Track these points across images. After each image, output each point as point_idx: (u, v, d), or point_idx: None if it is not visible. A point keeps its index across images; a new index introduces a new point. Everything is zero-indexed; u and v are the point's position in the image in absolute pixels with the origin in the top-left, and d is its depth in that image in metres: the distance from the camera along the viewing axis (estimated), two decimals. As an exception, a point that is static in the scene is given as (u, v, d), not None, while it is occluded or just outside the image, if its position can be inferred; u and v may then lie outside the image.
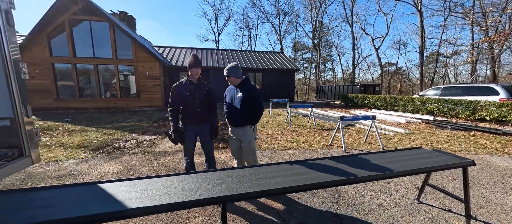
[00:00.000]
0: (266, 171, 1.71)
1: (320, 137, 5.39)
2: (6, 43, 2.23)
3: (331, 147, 4.51)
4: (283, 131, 6.03)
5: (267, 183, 1.46)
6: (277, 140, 5.02)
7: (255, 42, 37.71)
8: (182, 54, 15.48)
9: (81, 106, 10.64)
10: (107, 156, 3.90)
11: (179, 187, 1.33)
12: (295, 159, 3.77)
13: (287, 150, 4.31)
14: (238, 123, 2.44)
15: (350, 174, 1.65)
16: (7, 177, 2.55)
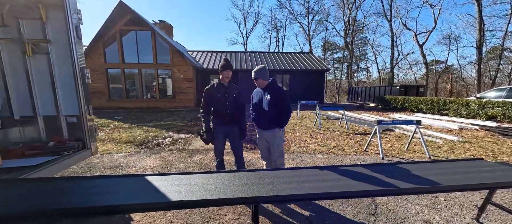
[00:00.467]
0: (296, 175, 1.68)
1: (353, 141, 5.04)
2: (75, 53, 2.67)
3: (366, 153, 4.18)
4: (312, 134, 5.83)
5: (298, 187, 1.43)
6: (306, 143, 4.87)
7: (283, 44, 37.41)
8: (213, 58, 16.27)
9: (127, 106, 12.05)
10: (149, 151, 4.33)
11: (214, 185, 1.40)
12: (326, 164, 3.61)
13: (316, 154, 4.15)
14: (266, 125, 2.45)
15: (390, 185, 1.51)
16: (73, 165, 3.02)
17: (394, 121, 4.30)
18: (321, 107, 7.06)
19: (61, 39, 2.70)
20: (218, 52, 17.83)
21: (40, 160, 2.37)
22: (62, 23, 2.67)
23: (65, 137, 2.92)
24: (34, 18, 2.61)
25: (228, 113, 2.50)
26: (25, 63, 2.69)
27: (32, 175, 2.09)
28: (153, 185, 1.42)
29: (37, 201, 1.31)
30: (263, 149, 2.58)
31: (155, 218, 2.17)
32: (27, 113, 2.83)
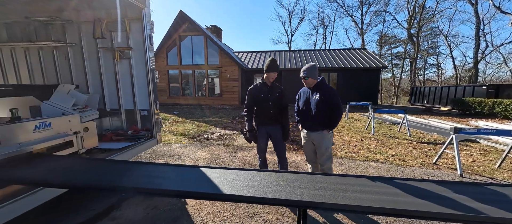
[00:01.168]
0: (347, 183, 1.53)
1: (417, 151, 4.28)
2: (148, 57, 3.18)
3: (436, 167, 3.47)
4: (364, 138, 5.24)
5: (350, 197, 1.30)
6: (356, 149, 4.42)
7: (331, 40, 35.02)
8: (257, 58, 16.66)
9: (182, 102, 13.68)
10: (200, 144, 4.79)
11: (262, 183, 1.42)
12: (381, 175, 3.18)
13: (369, 162, 3.71)
14: (313, 127, 2.33)
15: (474, 210, 1.19)
16: (143, 152, 3.60)
17: (481, 130, 3.41)
18: (375, 109, 6.26)
19: (139, 46, 3.27)
20: (262, 52, 18.15)
21: (122, 145, 2.94)
22: (139, 33, 3.22)
23: (139, 127, 3.53)
24: (122, 30, 3.25)
25: (270, 112, 2.49)
26: (114, 66, 3.39)
27: (117, 156, 2.61)
28: (207, 176, 1.56)
29: (118, 178, 1.63)
30: (308, 152, 2.47)
31: (205, 205, 2.39)
32: (114, 107, 3.56)
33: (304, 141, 2.49)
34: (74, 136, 2.19)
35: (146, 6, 3.02)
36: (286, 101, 2.60)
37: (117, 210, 2.29)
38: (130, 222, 2.11)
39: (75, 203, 2.38)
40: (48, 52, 3.50)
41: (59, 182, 1.54)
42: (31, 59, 3.58)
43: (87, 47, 3.40)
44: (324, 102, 2.24)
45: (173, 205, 2.39)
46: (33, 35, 3.36)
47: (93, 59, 3.41)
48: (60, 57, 3.50)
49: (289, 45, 33.99)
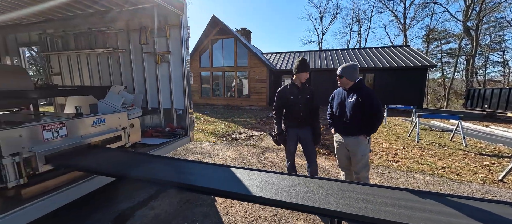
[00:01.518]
0: (388, 196, 1.36)
1: (476, 164, 3.63)
2: (184, 60, 3.41)
3: (503, 185, 2.89)
4: (406, 146, 4.68)
5: (393, 212, 1.15)
6: (396, 157, 3.98)
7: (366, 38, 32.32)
8: (285, 59, 16.45)
9: (213, 103, 14.35)
10: (228, 144, 4.94)
11: (292, 188, 1.37)
12: (428, 189, 2.78)
13: (413, 173, 3.29)
14: (349, 131, 2.16)
15: None
16: (178, 149, 3.85)
17: None
18: (420, 114, 5.54)
19: (176, 50, 3.54)
20: (290, 52, 17.85)
21: (160, 141, 3.21)
22: (177, 38, 3.48)
23: (175, 125, 3.81)
24: (163, 36, 3.56)
25: (301, 115, 2.40)
26: (156, 69, 3.73)
27: (156, 151, 2.86)
28: (236, 176, 1.58)
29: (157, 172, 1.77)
30: (342, 157, 2.31)
31: (233, 204, 2.43)
32: (155, 106, 3.91)
33: (337, 145, 2.33)
34: (122, 131, 2.47)
35: (183, 13, 3.24)
36: (317, 103, 2.49)
37: (155, 200, 2.50)
38: (166, 213, 2.28)
39: (121, 191, 2.69)
40: (104, 58, 4.04)
41: (110, 172, 1.74)
42: (91, 63, 4.19)
43: (134, 53, 3.82)
44: (361, 105, 2.06)
45: (203, 200, 2.50)
46: (94, 43, 3.92)
47: (139, 63, 3.82)
48: (113, 62, 4.01)
49: (320, 44, 32.69)
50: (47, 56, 4.42)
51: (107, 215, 2.20)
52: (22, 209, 1.53)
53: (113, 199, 2.52)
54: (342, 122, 2.22)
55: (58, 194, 1.75)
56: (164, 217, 2.21)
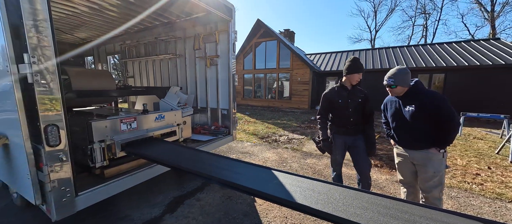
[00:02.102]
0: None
1: None
2: (231, 63, 3.59)
3: None
4: (493, 166, 3.67)
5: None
6: (478, 179, 3.17)
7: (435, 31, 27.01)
8: (331, 60, 15.43)
9: (254, 104, 14.72)
10: (268, 145, 4.95)
11: (341, 201, 1.24)
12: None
13: (505, 202, 2.55)
14: (414, 144, 1.83)
15: None
16: (221, 146, 4.06)
17: None
18: (517, 127, 4.25)
19: (224, 54, 3.77)
20: (336, 53, 16.64)
21: (207, 138, 3.48)
22: (225, 42, 3.70)
23: (219, 123, 4.07)
24: (212, 41, 3.86)
25: (351, 120, 2.15)
26: (206, 72, 4.07)
27: (203, 147, 3.10)
28: (279, 180, 1.54)
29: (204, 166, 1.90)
30: (406, 173, 1.97)
31: (272, 207, 2.41)
32: (203, 105, 4.27)
33: (399, 159, 2.00)
34: (177, 127, 2.79)
35: (232, 18, 3.43)
36: (372, 108, 2.21)
37: (201, 193, 2.72)
38: (210, 206, 2.44)
39: (173, 181, 3.03)
40: (165, 62, 4.67)
41: (167, 162, 1.98)
42: (155, 68, 4.91)
43: (188, 57, 4.27)
44: (425, 113, 1.72)
45: (243, 199, 2.57)
46: (158, 50, 4.59)
47: (192, 66, 4.25)
48: (171, 66, 4.59)
49: (372, 42, 29.32)
50: (125, 63, 5.42)
51: (164, 200, 2.51)
52: (105, 185, 1.90)
53: (167, 185, 2.86)
54: (404, 133, 1.89)
55: (129, 177, 2.10)
56: (208, 209, 2.37)
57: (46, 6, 1.43)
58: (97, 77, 3.02)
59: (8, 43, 1.41)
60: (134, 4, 3.21)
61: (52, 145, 1.50)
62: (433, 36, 26.37)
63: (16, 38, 1.42)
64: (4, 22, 1.40)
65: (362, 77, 2.15)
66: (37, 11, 1.39)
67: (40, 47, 1.41)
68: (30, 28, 1.36)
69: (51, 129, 1.48)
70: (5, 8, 1.39)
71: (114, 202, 2.43)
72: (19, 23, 1.37)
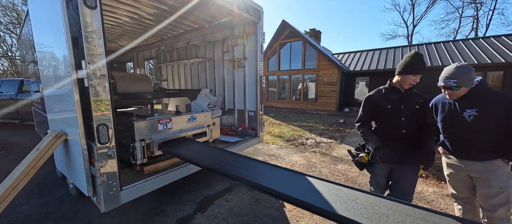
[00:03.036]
0: None
1: None
2: (258, 65, 3.58)
3: None
4: None
5: None
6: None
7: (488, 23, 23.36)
8: (361, 58, 14.47)
9: (278, 106, 14.58)
10: (295, 148, 4.81)
11: (391, 217, 1.10)
12: None
13: None
14: (474, 154, 1.55)
15: None
16: (248, 148, 4.05)
17: None
18: None
19: (251, 56, 3.79)
20: (367, 51, 15.54)
21: (235, 139, 3.51)
22: (253, 44, 3.71)
23: (246, 125, 4.09)
24: (240, 44, 3.91)
25: (402, 133, 1.70)
26: (233, 74, 4.13)
27: (231, 148, 3.14)
28: (314, 187, 1.45)
29: (233, 167, 1.90)
30: (460, 187, 1.70)
31: (303, 214, 2.30)
32: (230, 107, 4.35)
33: (450, 171, 1.74)
34: (207, 128, 2.87)
35: (260, 20, 3.43)
36: (432, 117, 1.77)
37: (229, 193, 2.74)
38: (239, 207, 2.44)
39: (202, 179, 3.12)
40: (195, 66, 4.89)
41: (200, 162, 2.03)
42: (186, 71, 5.18)
43: (217, 60, 4.40)
44: (489, 117, 1.45)
45: (272, 203, 2.51)
46: (189, 55, 4.83)
47: (220, 69, 4.36)
48: (201, 69, 4.78)
49: (409, 38, 26.69)
50: (160, 67, 5.84)
51: (195, 199, 2.60)
52: (145, 181, 2.03)
53: (197, 184, 2.96)
54: (459, 141, 1.62)
55: (165, 174, 2.21)
56: (237, 211, 2.37)
57: (100, 20, 1.59)
58: (137, 81, 3.30)
59: (70, 52, 1.60)
60: (169, 12, 3.42)
61: (102, 143, 1.65)
62: (486, 28, 22.81)
63: (75, 47, 1.61)
64: (67, 35, 1.59)
65: (419, 81, 1.68)
66: (93, 24, 1.55)
67: (95, 55, 1.57)
68: (87, 39, 1.53)
69: (102, 128, 1.64)
70: (68, 23, 1.58)
71: (149, 197, 2.59)
72: (78, 35, 1.54)
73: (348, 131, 6.73)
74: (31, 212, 2.35)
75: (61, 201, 2.59)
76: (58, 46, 1.76)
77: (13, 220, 2.22)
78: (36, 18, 2.26)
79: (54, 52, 1.90)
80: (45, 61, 2.17)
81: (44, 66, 2.25)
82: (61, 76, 1.81)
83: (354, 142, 5.29)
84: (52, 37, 1.88)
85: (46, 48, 2.08)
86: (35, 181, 3.04)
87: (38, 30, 2.25)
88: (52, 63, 1.98)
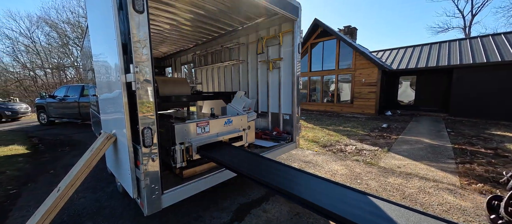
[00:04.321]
0: None
1: None
2: (295, 65, 3.35)
3: None
4: None
5: None
6: None
7: None
8: (406, 55, 12.88)
9: (308, 108, 13.95)
10: (333, 155, 4.39)
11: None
12: None
13: None
14: None
15: None
16: (283, 154, 3.80)
17: None
18: None
19: (287, 56, 3.58)
20: (414, 46, 13.76)
21: (269, 144, 3.33)
22: (289, 43, 3.50)
23: (281, 129, 3.88)
24: (276, 44, 3.74)
25: None
26: (267, 76, 3.98)
27: (267, 154, 2.97)
28: (378, 210, 1.17)
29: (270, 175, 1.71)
30: None
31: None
32: (264, 109, 4.20)
33: None
34: (243, 132, 2.77)
35: (298, 17, 3.20)
36: None
37: (266, 203, 2.57)
38: (277, 220, 2.24)
39: (237, 186, 3.02)
40: (228, 68, 4.91)
41: (238, 170, 1.91)
42: (219, 74, 5.25)
43: (251, 62, 4.32)
44: None
45: (315, 219, 2.24)
46: (223, 57, 4.87)
47: (254, 71, 4.26)
48: (234, 71, 4.77)
49: (467, 30, 22.88)
50: (195, 71, 6.07)
51: (231, 206, 2.50)
52: (184, 186, 2.00)
53: (232, 190, 2.87)
54: None
55: (203, 179, 2.16)
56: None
57: (147, 25, 1.60)
58: (177, 84, 3.40)
59: (120, 56, 1.65)
60: (204, 15, 3.46)
61: (147, 146, 1.65)
62: None
63: (124, 53, 1.65)
64: (117, 40, 1.64)
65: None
66: (140, 29, 1.57)
67: (141, 60, 1.58)
68: (134, 44, 1.55)
69: (147, 131, 1.64)
70: (118, 28, 1.63)
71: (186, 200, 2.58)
72: (127, 40, 1.58)
73: (394, 137, 5.93)
74: (86, 206, 2.57)
75: (111, 196, 2.78)
76: (110, 52, 1.85)
77: (72, 212, 2.45)
78: (93, 29, 2.48)
79: (107, 59, 2.02)
80: (100, 67, 2.35)
81: (99, 72, 2.44)
82: (112, 81, 1.91)
83: (405, 151, 4.59)
84: (105, 45, 2.00)
85: (101, 56, 2.24)
86: (91, 176, 3.37)
87: (95, 41, 2.46)
88: (106, 69, 2.11)
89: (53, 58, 19.96)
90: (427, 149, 4.69)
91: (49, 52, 19.71)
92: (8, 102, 11.19)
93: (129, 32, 1.52)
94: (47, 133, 7.42)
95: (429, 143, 5.24)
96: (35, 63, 19.58)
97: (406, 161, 3.97)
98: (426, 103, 11.63)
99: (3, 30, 19.96)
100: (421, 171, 3.47)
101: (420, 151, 4.58)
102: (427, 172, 3.43)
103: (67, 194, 1.68)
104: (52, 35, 19.36)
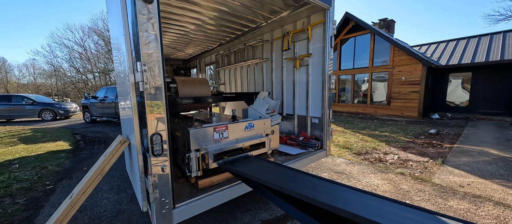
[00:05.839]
0: None
1: None
2: (327, 62, 2.90)
3: None
4: None
5: None
6: None
7: None
8: (458, 48, 11.03)
9: (337, 109, 12.95)
10: (371, 166, 3.77)
11: None
12: None
13: None
14: None
15: None
16: (313, 163, 3.31)
17: None
18: None
19: (317, 52, 3.14)
20: (468, 38, 11.73)
21: (296, 151, 2.94)
22: (320, 37, 3.07)
23: (308, 134, 3.46)
24: (303, 39, 3.33)
25: None
26: (294, 75, 3.60)
27: (293, 163, 2.60)
28: None
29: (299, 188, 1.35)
30: None
31: None
32: (290, 112, 3.82)
33: None
34: (266, 138, 2.45)
35: (331, 5, 2.76)
36: None
37: (292, 221, 2.21)
38: (306, 246, 1.86)
39: (258, 197, 2.71)
40: (252, 67, 4.64)
41: (260, 184, 1.60)
42: (242, 73, 5.02)
43: (275, 60, 3.98)
44: None
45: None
46: (246, 56, 4.63)
47: (278, 69, 3.92)
48: (257, 70, 4.49)
49: (538, 16, 18.73)
50: (218, 71, 5.98)
51: (251, 221, 2.21)
52: (199, 199, 1.77)
53: (252, 202, 2.57)
54: None
55: (220, 192, 1.90)
56: (304, 251, 1.80)
57: (157, 18, 1.40)
58: (197, 85, 3.26)
59: (128, 52, 1.48)
60: (228, 13, 3.25)
61: (156, 155, 1.46)
62: None
63: (134, 50, 1.48)
64: (126, 39, 1.48)
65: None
66: (149, 20, 1.37)
67: (151, 59, 1.39)
68: (142, 37, 1.36)
69: (156, 138, 1.44)
70: (126, 26, 1.47)
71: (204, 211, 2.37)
72: (135, 32, 1.40)
73: (448, 145, 4.94)
74: (107, 208, 2.55)
75: (131, 199, 2.74)
76: (120, 49, 1.72)
77: (94, 214, 2.44)
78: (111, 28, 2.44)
79: (118, 56, 1.91)
80: (116, 66, 2.28)
81: (116, 71, 2.39)
82: (124, 83, 1.78)
83: (466, 164, 3.72)
84: (117, 42, 1.89)
85: (116, 57, 2.16)
86: (117, 177, 3.43)
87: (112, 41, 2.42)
88: (119, 68, 2.01)
89: (100, 63, 22.53)
90: (497, 163, 3.72)
91: (97, 58, 22.32)
92: (61, 103, 12.84)
93: (137, 25, 1.33)
94: (89, 130, 8.19)
95: (499, 155, 4.19)
96: (86, 68, 22.38)
97: (470, 177, 3.17)
98: (486, 105, 9.74)
99: (63, 40, 23.36)
100: (494, 193, 2.69)
101: (487, 165, 3.65)
102: (503, 195, 2.65)
103: (78, 201, 1.58)
104: (99, 43, 21.89)
